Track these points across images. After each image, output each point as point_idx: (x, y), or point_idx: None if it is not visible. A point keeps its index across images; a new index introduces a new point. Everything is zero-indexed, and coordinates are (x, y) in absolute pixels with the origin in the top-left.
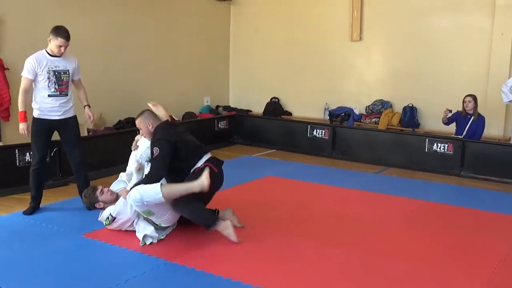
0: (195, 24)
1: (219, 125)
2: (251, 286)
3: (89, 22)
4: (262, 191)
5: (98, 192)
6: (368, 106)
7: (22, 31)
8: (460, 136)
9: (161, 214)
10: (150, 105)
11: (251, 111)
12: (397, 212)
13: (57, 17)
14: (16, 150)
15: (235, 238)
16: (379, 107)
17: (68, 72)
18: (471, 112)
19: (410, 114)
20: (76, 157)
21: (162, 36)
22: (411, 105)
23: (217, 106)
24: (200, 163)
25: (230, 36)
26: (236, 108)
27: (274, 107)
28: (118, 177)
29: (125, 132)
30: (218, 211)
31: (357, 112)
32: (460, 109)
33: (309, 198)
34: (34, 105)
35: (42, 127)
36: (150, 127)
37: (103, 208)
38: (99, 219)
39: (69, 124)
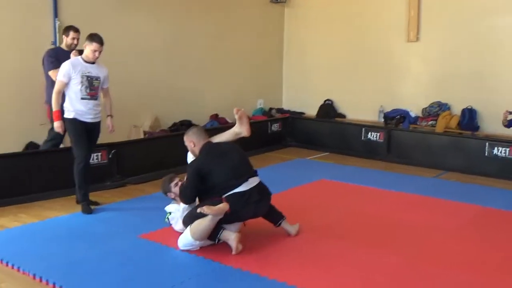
0: (249, 27)
1: (272, 127)
2: None
3: (148, 26)
4: (315, 195)
5: (172, 184)
6: (425, 108)
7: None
8: None
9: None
10: (234, 111)
11: (304, 113)
12: (455, 218)
13: (118, 21)
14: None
15: (233, 251)
16: (437, 109)
17: (99, 79)
18: None
19: (469, 117)
20: (90, 156)
21: (216, 39)
22: (470, 107)
23: (270, 109)
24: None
25: (284, 38)
26: (289, 110)
27: (328, 109)
28: None
29: (179, 134)
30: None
31: (413, 114)
32: None
33: (364, 203)
34: (68, 107)
35: (78, 126)
36: (193, 146)
37: (174, 199)
38: (165, 208)
39: (96, 128)
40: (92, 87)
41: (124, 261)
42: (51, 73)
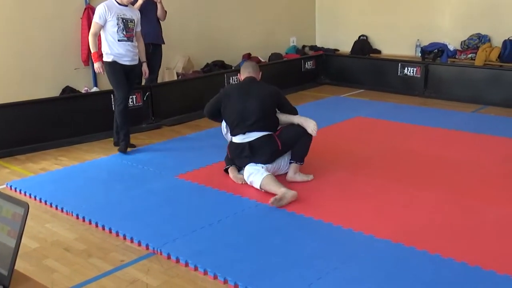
0: None
1: (306, 65)
2: (352, 231)
3: None
4: (351, 133)
5: None
6: (464, 41)
7: None
8: None
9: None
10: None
11: (338, 50)
12: (496, 153)
13: None
14: (112, 95)
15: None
16: (476, 42)
17: (134, 21)
18: None
19: (511, 49)
20: (128, 99)
21: None
22: (511, 38)
23: (304, 46)
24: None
25: None
26: (322, 47)
27: (362, 45)
28: (207, 120)
29: (212, 75)
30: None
31: (451, 47)
32: None
33: (401, 140)
34: (105, 51)
35: (117, 69)
36: (239, 77)
37: None
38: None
39: (134, 70)
40: (128, 29)
41: (163, 201)
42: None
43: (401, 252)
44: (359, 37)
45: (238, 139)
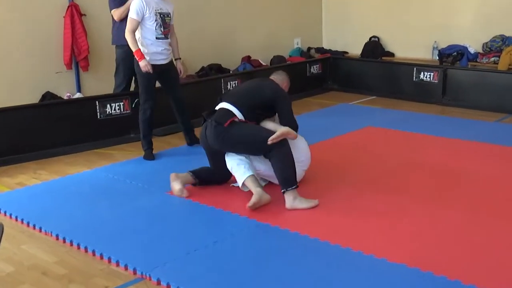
0: None
1: (312, 69)
2: (351, 250)
3: None
4: (362, 144)
5: None
6: (486, 43)
7: None
8: None
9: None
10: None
11: (347, 52)
12: None
13: None
14: (97, 102)
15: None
16: (500, 44)
17: (170, 15)
18: None
19: None
20: (180, 95)
21: None
22: None
23: (309, 48)
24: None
25: None
26: (330, 50)
27: (374, 48)
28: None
29: (208, 80)
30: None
31: (472, 50)
32: None
33: (417, 152)
34: (142, 51)
35: (152, 72)
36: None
37: None
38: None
39: (171, 68)
40: (165, 25)
41: (152, 220)
42: (113, 12)
43: (417, 278)
44: (370, 38)
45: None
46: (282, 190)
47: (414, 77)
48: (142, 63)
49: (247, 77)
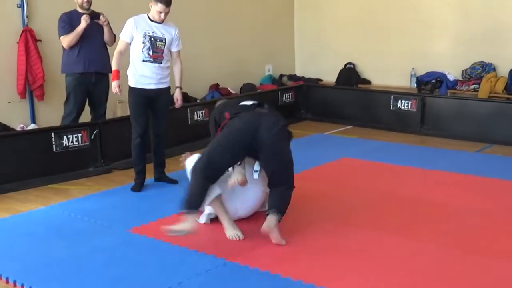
0: None
1: (284, 98)
2: None
3: None
4: (337, 176)
5: None
6: (465, 70)
7: None
8: None
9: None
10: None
11: (321, 80)
12: (504, 199)
13: None
14: (53, 134)
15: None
16: (479, 71)
17: (165, 41)
18: None
19: None
20: (161, 126)
21: None
22: None
23: (281, 76)
24: None
25: None
26: (303, 77)
27: (349, 75)
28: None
29: (173, 109)
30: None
31: (451, 77)
32: None
33: (394, 184)
34: (130, 72)
35: (139, 97)
36: None
37: None
38: None
39: (162, 96)
40: (156, 49)
41: (112, 260)
42: (62, 38)
43: None
44: (345, 65)
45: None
46: (271, 210)
47: (392, 105)
48: (113, 83)
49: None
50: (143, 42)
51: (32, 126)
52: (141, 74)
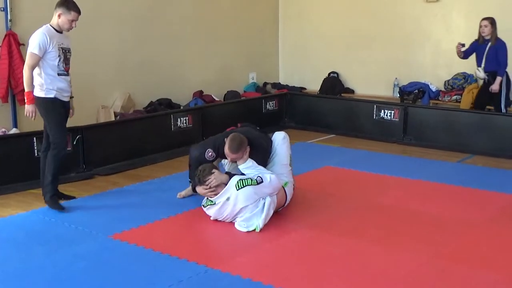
0: None
1: (268, 105)
2: None
3: None
4: (320, 185)
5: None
6: (448, 80)
7: (40, 0)
8: None
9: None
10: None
11: (305, 88)
12: (484, 209)
13: None
14: (34, 139)
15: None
16: (461, 82)
17: (70, 51)
18: (488, 37)
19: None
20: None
21: (199, 4)
22: None
23: (265, 84)
24: None
25: (279, 0)
26: (287, 85)
27: (333, 84)
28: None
29: (157, 115)
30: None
31: (433, 88)
32: None
33: (376, 193)
34: (47, 86)
35: (58, 107)
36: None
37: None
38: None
39: (69, 107)
40: (67, 61)
41: (93, 266)
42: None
43: None
44: (329, 74)
45: None
46: None
47: (375, 115)
48: (28, 107)
49: (199, 113)
50: (58, 56)
51: (14, 131)
52: (60, 87)
